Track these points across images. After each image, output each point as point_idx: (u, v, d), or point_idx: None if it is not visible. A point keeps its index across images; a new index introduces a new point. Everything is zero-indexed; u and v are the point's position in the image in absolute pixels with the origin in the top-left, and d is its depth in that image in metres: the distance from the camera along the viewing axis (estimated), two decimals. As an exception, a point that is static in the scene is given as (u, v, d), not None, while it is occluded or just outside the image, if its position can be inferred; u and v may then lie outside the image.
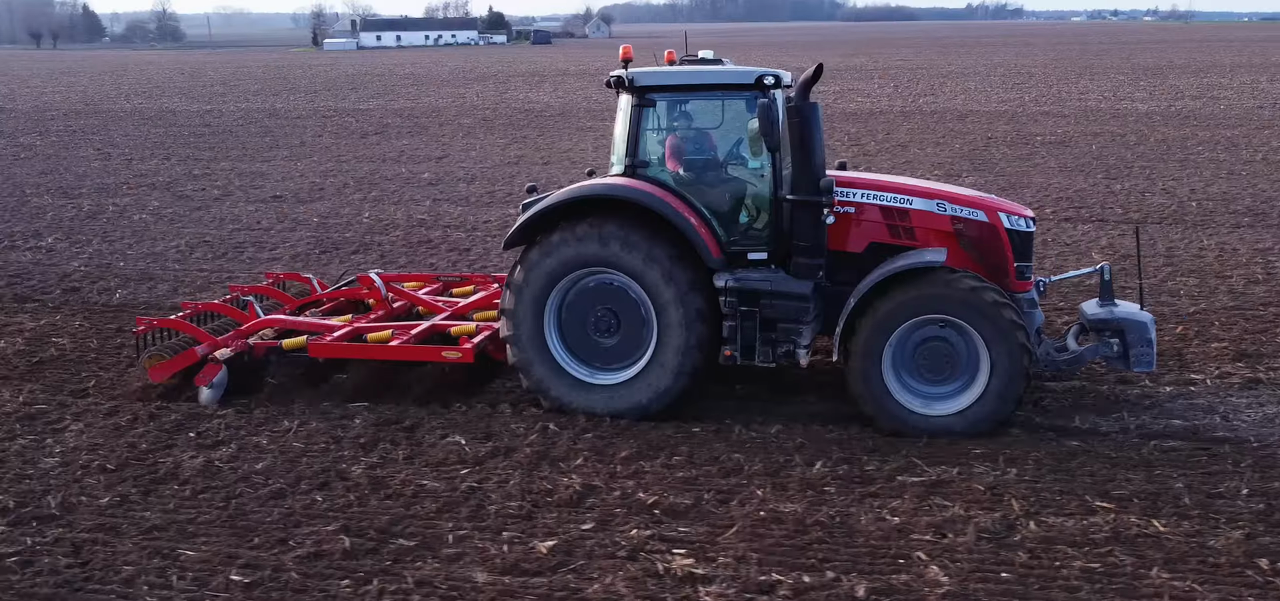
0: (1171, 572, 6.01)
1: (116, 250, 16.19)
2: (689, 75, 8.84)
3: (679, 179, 8.80)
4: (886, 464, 7.63)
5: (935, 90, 44.58)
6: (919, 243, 8.54)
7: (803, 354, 8.33)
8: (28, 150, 29.45)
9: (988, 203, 8.68)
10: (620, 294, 8.60)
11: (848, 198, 8.61)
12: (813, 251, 8.37)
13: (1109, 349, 8.42)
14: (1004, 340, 7.71)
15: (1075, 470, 7.45)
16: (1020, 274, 8.54)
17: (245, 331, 9.84)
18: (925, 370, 8.08)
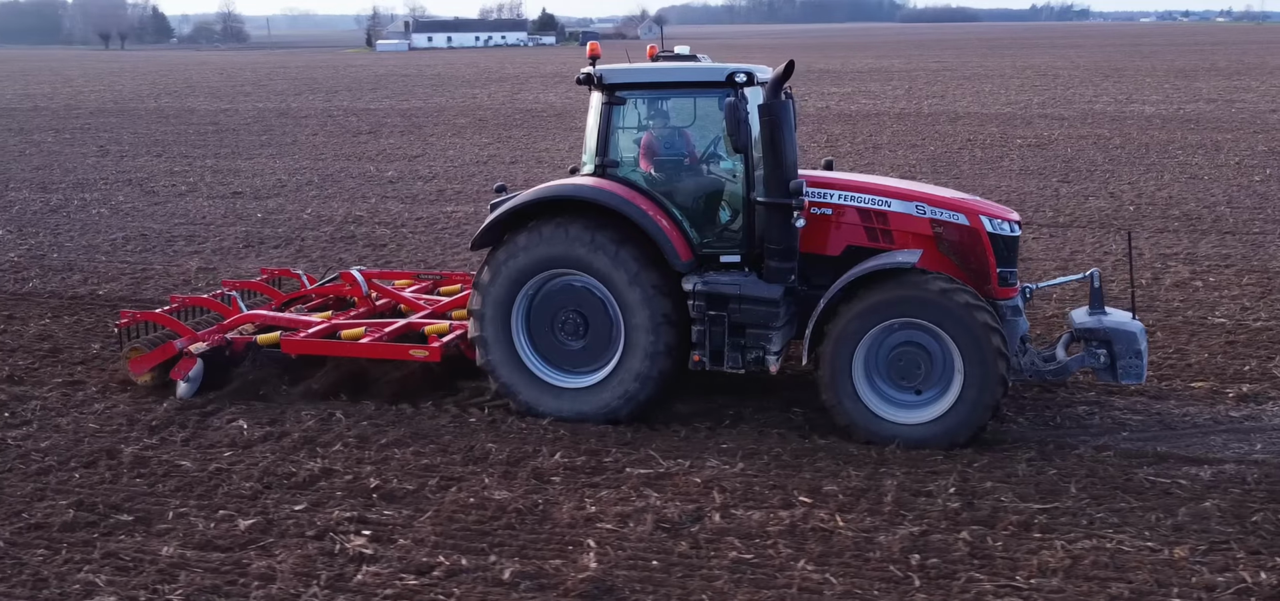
0: (818, 565, 6.14)
1: (55, 242, 16.92)
2: (658, 72, 8.70)
3: (651, 179, 8.65)
4: (627, 456, 7.81)
5: (949, 92, 44.06)
6: (897, 246, 8.31)
7: (772, 360, 8.14)
8: (35, 146, 30.68)
9: (969, 205, 8.40)
10: (587, 296, 8.45)
11: (824, 199, 8.43)
12: (783, 254, 8.14)
13: (1095, 359, 8.15)
14: (977, 346, 7.49)
15: (803, 466, 7.58)
16: (1003, 279, 8.25)
17: (226, 326, 9.92)
18: (899, 376, 7.86)
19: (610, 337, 8.46)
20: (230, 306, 10.50)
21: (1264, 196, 19.11)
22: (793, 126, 8.19)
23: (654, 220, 8.15)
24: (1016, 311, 8.39)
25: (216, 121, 36.93)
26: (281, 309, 10.68)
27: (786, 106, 8.07)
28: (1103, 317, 8.22)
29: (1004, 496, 7.01)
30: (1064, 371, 8.35)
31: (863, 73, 57.72)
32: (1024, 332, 8.49)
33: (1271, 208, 18.08)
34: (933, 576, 6.01)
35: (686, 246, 8.30)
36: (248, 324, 9.99)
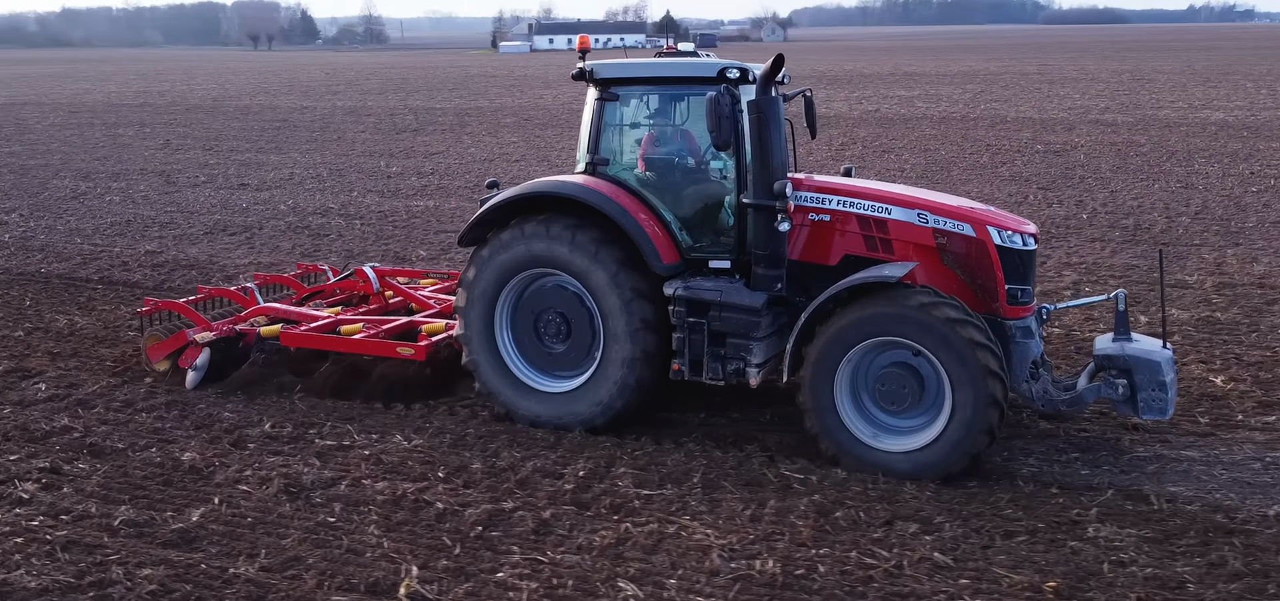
0: (384, 531, 6.62)
1: (55, 226, 18.67)
2: (650, 68, 8.43)
3: (642, 178, 8.36)
4: (333, 429, 8.45)
5: (1007, 97, 42.63)
6: (896, 256, 7.72)
7: (753, 372, 7.68)
8: (112, 138, 33.37)
9: (977, 215, 7.72)
10: (570, 298, 8.17)
11: (823, 205, 7.92)
12: (770, 261, 7.67)
13: (1114, 391, 7.38)
14: (965, 366, 6.86)
15: (478, 446, 8.04)
16: (1012, 297, 7.56)
17: (240, 318, 10.08)
18: (887, 400, 7.34)
19: (592, 342, 8.16)
20: (247, 298, 10.64)
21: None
22: (782, 125, 7.74)
23: (636, 220, 7.84)
24: (1028, 333, 7.63)
25: (285, 118, 39.22)
26: (301, 303, 10.82)
27: (776, 104, 7.64)
28: (1126, 345, 7.46)
29: (627, 484, 7.34)
30: (1079, 402, 7.58)
31: (953, 75, 56.30)
32: (1037, 356, 7.70)
33: None
34: (478, 544, 6.43)
35: (673, 249, 7.98)
36: (261, 317, 10.12)
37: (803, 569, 6.03)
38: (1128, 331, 7.63)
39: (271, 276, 11.72)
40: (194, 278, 14.44)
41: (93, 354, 10.80)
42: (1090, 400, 7.60)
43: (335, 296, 11.06)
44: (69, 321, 12.11)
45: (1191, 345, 10.45)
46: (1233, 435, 8.16)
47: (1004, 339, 7.45)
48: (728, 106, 7.55)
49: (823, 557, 6.18)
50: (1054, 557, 6.17)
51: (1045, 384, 7.70)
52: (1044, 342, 8.08)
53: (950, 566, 6.10)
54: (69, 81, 65.14)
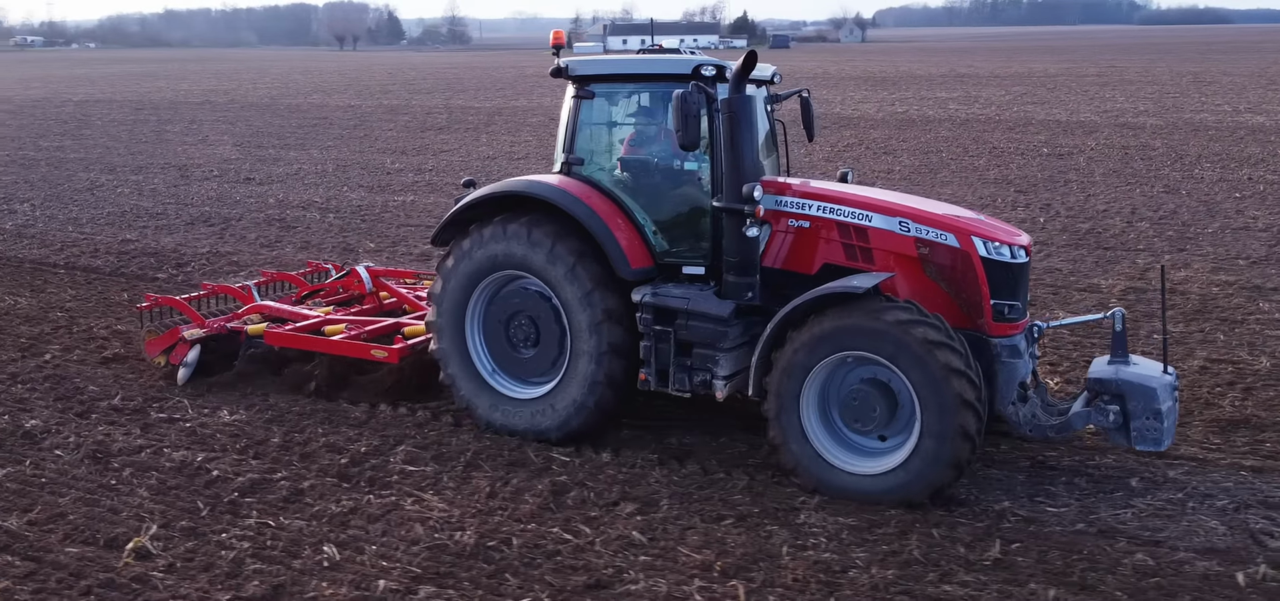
0: (152, 495, 7.19)
1: (56, 215, 19.88)
2: (624, 64, 8.11)
3: (618, 179, 8.14)
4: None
5: (1047, 99, 41.69)
6: (876, 266, 7.31)
7: (719, 385, 7.38)
8: (156, 135, 35.01)
9: (962, 224, 7.25)
10: (540, 301, 7.95)
11: (803, 210, 7.55)
12: (740, 268, 7.33)
13: (1104, 417, 6.88)
14: (935, 388, 6.44)
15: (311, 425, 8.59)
16: (999, 313, 7.10)
17: (237, 315, 10.19)
18: (853, 418, 6.96)
19: (560, 348, 7.91)
20: (246, 295, 10.70)
21: None
22: (754, 127, 7.42)
23: (603, 223, 7.59)
24: (1015, 352, 7.13)
25: (326, 116, 40.60)
26: (301, 301, 10.87)
27: (748, 104, 7.29)
28: (1121, 368, 6.95)
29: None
30: (1067, 429, 7.08)
31: (1006, 77, 55.19)
32: (1025, 377, 7.26)
33: None
34: (226, 509, 6.95)
35: (645, 254, 7.72)
36: (255, 315, 10.18)
37: (496, 541, 6.39)
38: (1125, 353, 7.09)
39: (279, 274, 11.79)
40: (153, 265, 15.34)
41: (13, 331, 11.66)
42: (1079, 427, 7.10)
43: (334, 296, 11.01)
44: (13, 301, 13.05)
45: (1067, 347, 10.49)
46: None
47: (989, 358, 7.01)
48: (695, 105, 7.14)
49: (525, 532, 6.54)
50: (743, 541, 6.42)
51: (1034, 407, 7.23)
52: (1037, 362, 7.69)
53: (641, 544, 6.40)
54: (147, 80, 68.20)
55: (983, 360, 6.91)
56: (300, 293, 11.15)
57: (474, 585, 5.92)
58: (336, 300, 10.93)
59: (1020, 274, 7.26)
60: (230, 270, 14.98)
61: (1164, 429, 6.78)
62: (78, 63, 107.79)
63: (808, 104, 8.85)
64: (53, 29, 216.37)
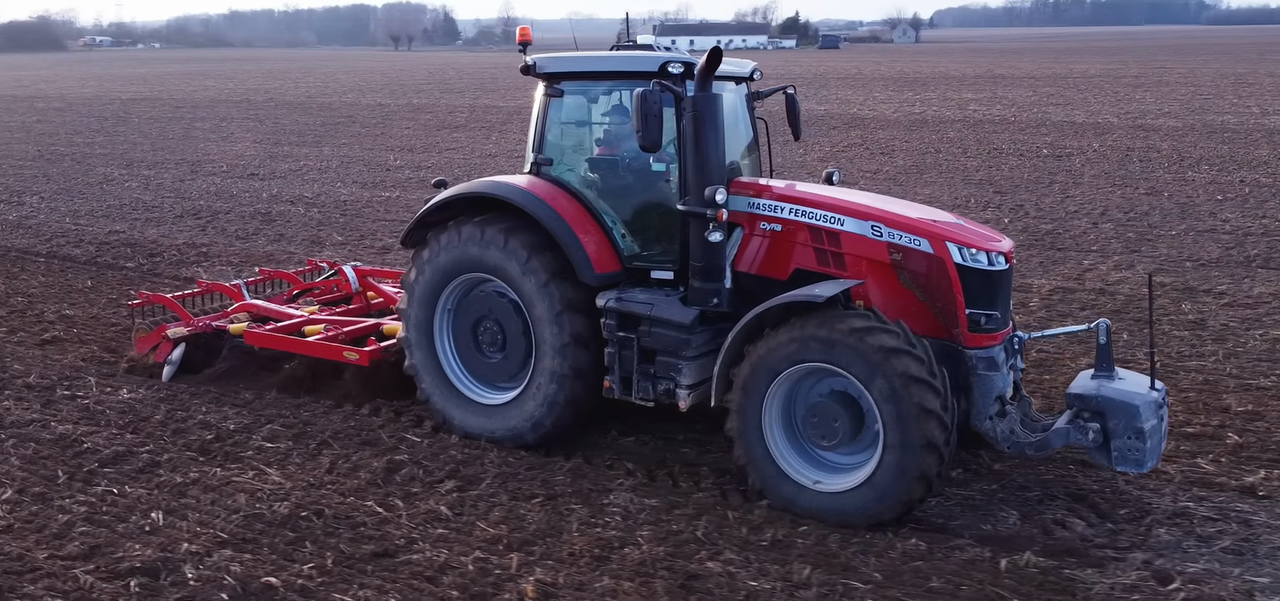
0: (20, 463, 7.71)
1: (58, 207, 20.83)
2: (591, 62, 7.82)
3: (587, 179, 7.94)
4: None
5: (1072, 101, 41.07)
6: (848, 271, 7.06)
7: (683, 395, 7.17)
8: (185, 133, 36.18)
9: (937, 229, 6.91)
10: (507, 305, 7.80)
11: (775, 213, 7.29)
12: (704, 273, 7.08)
13: (1084, 435, 6.51)
14: (896, 400, 6.14)
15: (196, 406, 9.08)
16: (975, 323, 6.76)
17: (227, 313, 10.29)
18: (816, 433, 6.65)
19: (526, 354, 7.77)
20: (237, 293, 10.72)
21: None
22: (720, 126, 7.06)
23: (566, 225, 7.41)
24: (992, 364, 6.77)
25: (351, 114, 41.56)
26: (293, 299, 10.97)
27: (713, 103, 6.97)
28: (1104, 383, 6.59)
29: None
30: (1046, 447, 6.68)
31: (1042, 77, 54.41)
32: (1004, 391, 6.88)
33: None
34: (82, 478, 7.44)
35: (612, 258, 7.53)
36: (243, 313, 10.25)
37: (309, 512, 6.78)
38: (1111, 367, 6.72)
39: (275, 272, 11.95)
40: (127, 255, 16.05)
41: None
42: (1058, 445, 6.68)
43: (327, 295, 11.03)
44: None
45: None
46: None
47: (964, 370, 6.70)
48: (656, 104, 6.80)
49: (341, 504, 6.92)
50: (541, 518, 6.72)
51: (1012, 422, 6.84)
52: (1021, 374, 7.39)
53: (445, 518, 6.74)
54: (196, 79, 70.16)
55: (958, 372, 6.65)
56: (291, 291, 11.25)
57: (270, 550, 6.30)
58: (327, 300, 10.93)
59: (999, 282, 6.85)
60: (198, 260, 15.65)
61: (1146, 449, 6.35)
62: (139, 62, 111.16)
63: (793, 102, 8.55)
64: (120, 30, 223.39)
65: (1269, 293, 12.56)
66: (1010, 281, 7.10)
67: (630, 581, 5.90)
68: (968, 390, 6.74)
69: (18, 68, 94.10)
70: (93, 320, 12.04)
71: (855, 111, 38.52)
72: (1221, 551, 6.31)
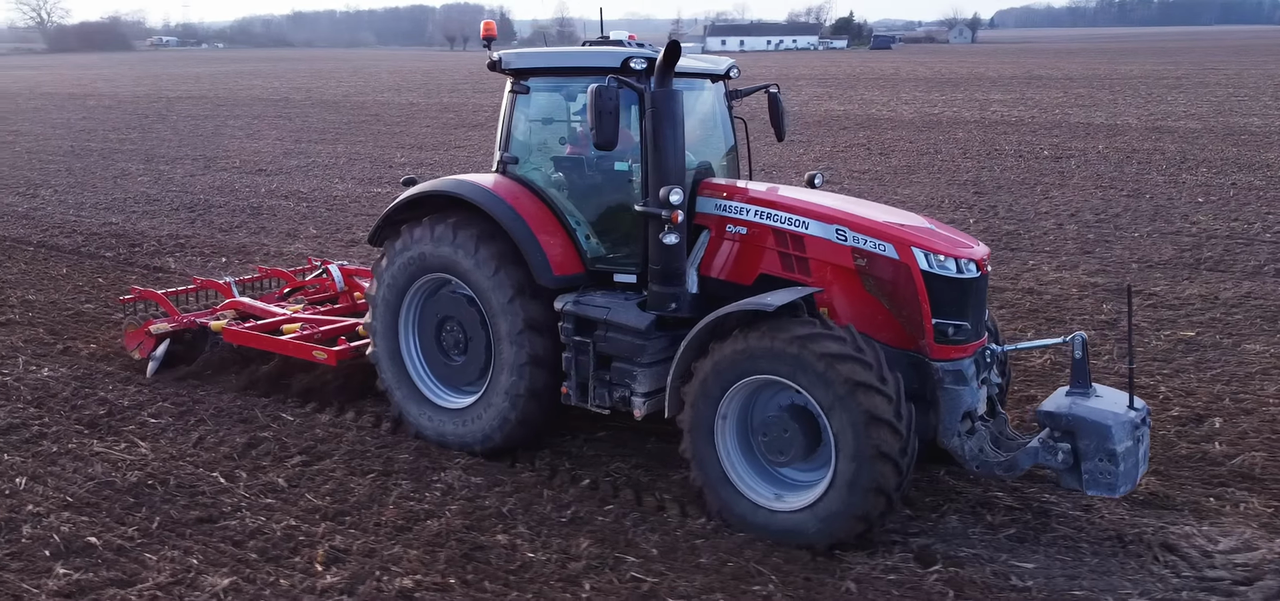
0: None
1: (65, 201, 21.75)
2: (556, 57, 7.71)
3: (552, 178, 7.77)
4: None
5: (1098, 102, 40.40)
6: (812, 278, 6.79)
7: (638, 403, 6.95)
8: (213, 129, 37.40)
9: (905, 234, 6.60)
10: (468, 306, 7.67)
11: (740, 216, 7.06)
12: (662, 277, 6.84)
13: (1053, 456, 6.13)
14: (843, 408, 5.87)
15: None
16: (942, 334, 6.42)
17: (216, 310, 10.32)
18: (777, 451, 6.36)
19: (486, 356, 7.63)
20: (227, 290, 10.87)
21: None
22: (679, 123, 6.77)
23: (525, 226, 7.23)
24: (960, 378, 6.41)
25: (378, 113, 42.49)
26: (284, 298, 11.12)
27: (672, 99, 6.72)
28: (1077, 401, 6.21)
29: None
30: (1015, 467, 6.34)
31: (1081, 78, 53.54)
32: (973, 407, 6.49)
33: None
34: None
35: (573, 260, 7.34)
36: (230, 311, 10.31)
37: (155, 482, 7.25)
38: (1087, 383, 6.32)
39: (273, 270, 12.14)
40: (110, 245, 16.83)
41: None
42: (1026, 466, 6.31)
43: (320, 294, 11.13)
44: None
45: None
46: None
47: (931, 383, 6.40)
48: (611, 101, 6.57)
49: (189, 475, 7.38)
50: (367, 490, 7.13)
51: (982, 441, 6.46)
52: (998, 389, 7.05)
53: (279, 489, 7.17)
54: (246, 79, 72.01)
55: (924, 385, 6.40)
56: (283, 289, 11.39)
57: (107, 514, 6.78)
58: (318, 299, 11.03)
59: (969, 290, 6.49)
60: (174, 251, 16.34)
61: (1118, 473, 5.92)
62: (198, 62, 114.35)
63: (777, 101, 8.29)
64: (186, 30, 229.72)
65: (1198, 295, 12.50)
66: (983, 290, 6.70)
67: (417, 550, 6.26)
68: (933, 404, 6.40)
69: (83, 67, 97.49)
70: (50, 305, 12.72)
71: (874, 112, 38.38)
72: (1004, 538, 6.47)
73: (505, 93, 7.82)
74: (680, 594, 5.79)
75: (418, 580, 5.88)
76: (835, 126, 33.68)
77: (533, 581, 5.93)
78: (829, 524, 6.08)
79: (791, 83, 56.77)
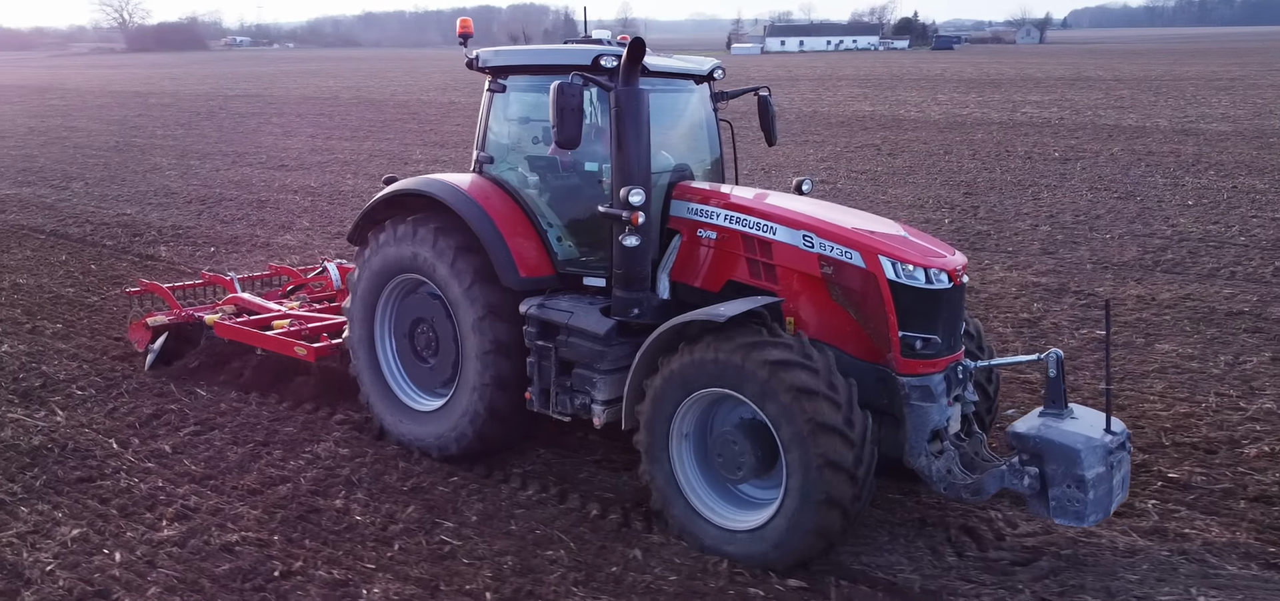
0: None
1: (91, 192, 22.94)
2: (530, 55, 7.57)
3: (526, 178, 7.64)
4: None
5: (1133, 103, 39.62)
6: (779, 284, 6.58)
7: (598, 410, 6.80)
8: (253, 127, 38.78)
9: (871, 242, 6.30)
10: (440, 308, 7.60)
11: (710, 219, 6.87)
12: (625, 282, 6.71)
13: (1020, 481, 5.82)
14: (789, 418, 5.64)
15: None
16: (909, 347, 6.13)
17: (214, 306, 10.45)
18: (734, 468, 6.14)
19: (455, 360, 7.52)
20: (230, 285, 10.98)
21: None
22: (643, 123, 6.57)
23: (492, 226, 7.12)
24: (928, 395, 6.12)
25: (417, 112, 43.57)
26: (287, 295, 11.26)
27: (637, 98, 6.56)
28: (1049, 422, 5.89)
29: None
30: (981, 491, 6.04)
31: (1128, 79, 52.48)
32: (940, 425, 6.20)
33: None
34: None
35: (544, 262, 7.24)
36: (231, 306, 10.40)
37: (54, 445, 7.92)
38: (1062, 403, 6.00)
39: (282, 268, 12.24)
40: (113, 234, 17.79)
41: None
42: (993, 489, 5.99)
43: (324, 293, 11.18)
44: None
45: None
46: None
47: (897, 399, 6.15)
48: (573, 99, 6.40)
49: (85, 441, 8.03)
50: (240, 458, 7.70)
51: (950, 461, 6.16)
52: (974, 407, 6.67)
53: (163, 455, 7.77)
54: (305, 79, 74.12)
55: (890, 401, 6.17)
56: (287, 286, 11.53)
57: (0, 473, 7.45)
58: (318, 296, 11.10)
59: (940, 302, 6.19)
60: (172, 240, 17.22)
61: (1087, 500, 5.59)
62: (266, 61, 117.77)
63: (766, 104, 8.18)
64: (260, 31, 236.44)
65: (1136, 296, 12.52)
66: (958, 302, 6.38)
67: (258, 511, 6.80)
68: (899, 422, 6.15)
69: (156, 66, 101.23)
70: (36, 288, 13.61)
71: (902, 113, 38.22)
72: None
73: (484, 91, 7.74)
74: (477, 555, 6.23)
75: (244, 536, 6.41)
76: (857, 127, 33.68)
77: (348, 540, 6.43)
78: (785, 540, 5.81)
79: (832, 83, 56.64)
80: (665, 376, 6.11)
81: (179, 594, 5.77)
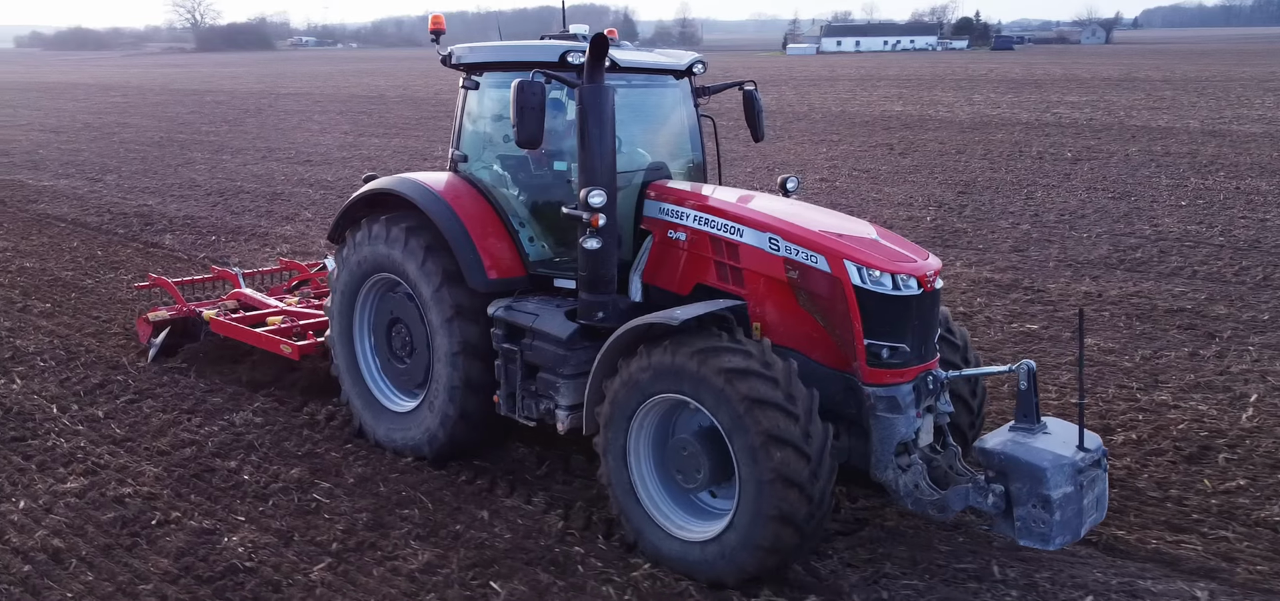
0: None
1: (120, 184, 24.10)
2: (501, 51, 7.47)
3: (499, 177, 7.55)
4: None
5: (1169, 105, 38.91)
6: (746, 287, 6.41)
7: (561, 415, 6.70)
8: (289, 124, 40.00)
9: (838, 245, 6.07)
10: (413, 308, 7.54)
11: (679, 220, 6.72)
12: (589, 284, 6.55)
13: (984, 499, 5.57)
14: (742, 428, 5.47)
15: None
16: (875, 356, 5.92)
17: (216, 301, 10.65)
18: (687, 476, 5.98)
19: (428, 360, 7.46)
20: (235, 281, 11.18)
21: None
22: (608, 121, 6.37)
23: (460, 226, 7.06)
24: (894, 405, 5.90)
25: (448, 109, 44.36)
26: (291, 291, 11.45)
27: (601, 96, 6.34)
28: (1018, 438, 5.60)
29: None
30: (946, 508, 5.78)
31: (1178, 80, 51.44)
32: (907, 438, 5.95)
33: None
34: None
35: (514, 263, 7.15)
36: (231, 302, 10.60)
37: (33, 421, 8.61)
38: (1034, 417, 5.70)
39: (291, 263, 12.45)
40: (124, 222, 18.75)
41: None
42: (958, 507, 5.74)
43: (323, 288, 11.21)
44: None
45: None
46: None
47: (862, 409, 5.97)
48: (534, 97, 6.27)
49: (32, 406, 8.74)
50: (157, 424, 8.31)
51: (918, 476, 5.87)
52: (947, 418, 6.27)
53: (96, 420, 8.44)
54: (358, 77, 75.83)
55: (856, 412, 5.99)
56: (291, 282, 11.68)
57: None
58: (321, 291, 11.17)
59: (908, 309, 5.91)
60: (180, 229, 18.12)
61: (1053, 522, 5.31)
62: (328, 61, 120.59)
63: (752, 99, 7.95)
64: (325, 31, 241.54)
65: (1084, 292, 12.64)
66: (930, 309, 6.07)
67: (159, 469, 7.41)
68: (864, 433, 5.98)
69: (221, 65, 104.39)
70: (39, 271, 14.52)
71: (930, 113, 38.06)
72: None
73: (459, 88, 7.69)
74: (339, 513, 6.76)
75: (138, 490, 7.03)
76: (880, 126, 33.68)
77: (229, 496, 7.01)
78: (736, 555, 5.64)
79: (871, 83, 56.41)
80: (623, 380, 5.97)
81: (61, 536, 6.39)
